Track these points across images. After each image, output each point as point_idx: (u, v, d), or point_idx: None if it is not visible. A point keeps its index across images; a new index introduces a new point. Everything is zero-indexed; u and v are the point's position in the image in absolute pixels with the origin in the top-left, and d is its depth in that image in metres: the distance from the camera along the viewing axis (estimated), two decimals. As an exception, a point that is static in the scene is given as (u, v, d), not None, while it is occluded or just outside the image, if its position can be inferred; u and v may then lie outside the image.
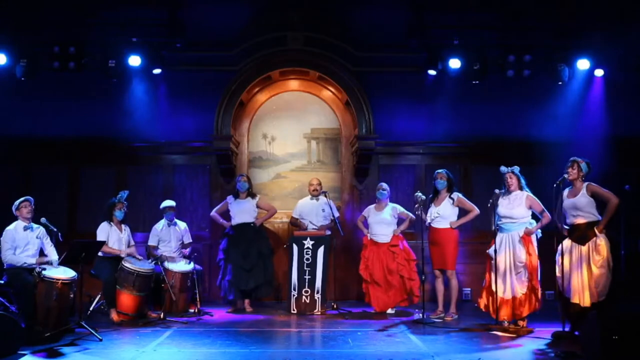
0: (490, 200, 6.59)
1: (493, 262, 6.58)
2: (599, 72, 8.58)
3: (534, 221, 6.59)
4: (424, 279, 7.23)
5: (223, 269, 7.78)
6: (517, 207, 6.56)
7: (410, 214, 7.63)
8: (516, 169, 6.66)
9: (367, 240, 7.72)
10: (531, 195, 6.59)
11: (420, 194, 7.20)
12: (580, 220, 6.08)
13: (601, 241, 5.97)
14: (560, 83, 8.52)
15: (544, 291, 7.75)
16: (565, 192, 6.24)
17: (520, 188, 6.63)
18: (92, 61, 8.33)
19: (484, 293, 6.78)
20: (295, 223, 8.10)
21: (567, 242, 6.19)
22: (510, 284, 6.51)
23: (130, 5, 8.73)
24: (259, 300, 7.95)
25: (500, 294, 6.53)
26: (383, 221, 7.61)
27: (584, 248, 6.04)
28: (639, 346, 4.80)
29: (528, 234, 6.49)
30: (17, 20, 8.44)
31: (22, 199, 6.59)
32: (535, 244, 6.53)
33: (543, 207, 6.55)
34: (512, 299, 6.49)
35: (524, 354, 5.47)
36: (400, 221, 7.71)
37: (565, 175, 6.17)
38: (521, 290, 6.46)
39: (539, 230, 6.59)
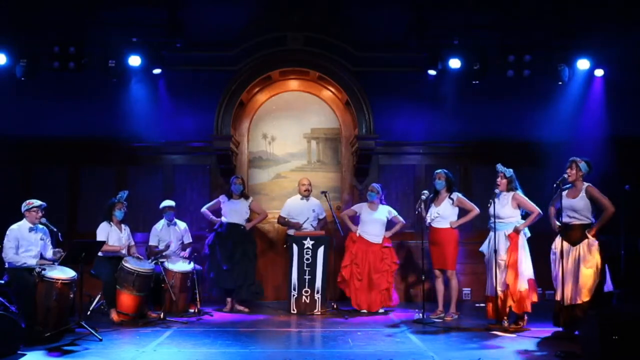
0: (490, 200, 6.61)
1: (485, 259, 6.70)
2: (599, 72, 8.58)
3: (523, 221, 6.62)
4: (424, 278, 7.23)
5: (208, 263, 7.83)
6: (504, 206, 6.63)
7: (402, 219, 7.67)
8: (508, 171, 6.69)
9: (355, 236, 7.70)
10: (519, 194, 6.63)
11: (426, 191, 7.23)
12: (575, 222, 6.15)
13: (592, 243, 6.03)
14: (560, 83, 8.51)
15: (544, 291, 7.79)
16: (565, 190, 6.25)
17: (511, 190, 6.67)
18: (92, 61, 8.33)
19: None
20: (283, 222, 8.08)
21: (558, 244, 6.20)
22: (494, 282, 6.53)
23: (130, 5, 8.72)
24: (242, 302, 7.85)
25: (487, 292, 6.65)
26: (378, 221, 7.64)
27: (574, 249, 6.11)
28: (639, 346, 4.80)
29: (516, 231, 6.52)
30: (17, 20, 8.44)
31: (37, 203, 6.50)
32: (522, 242, 6.53)
33: (533, 204, 6.57)
34: (495, 297, 6.51)
35: (523, 354, 5.47)
36: (391, 224, 7.72)
37: (565, 176, 6.18)
38: (500, 288, 6.49)
39: (527, 230, 6.61)
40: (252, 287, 7.79)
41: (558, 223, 6.23)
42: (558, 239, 6.21)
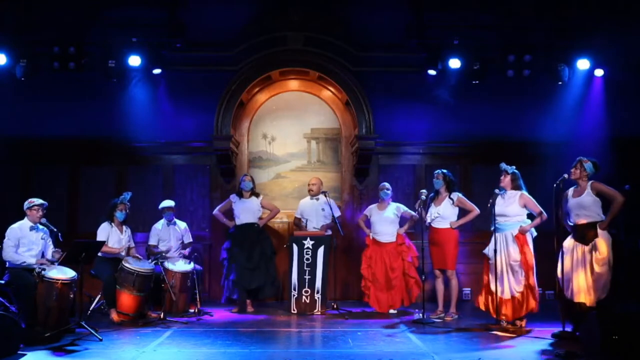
0: (490, 200, 6.61)
1: (490, 262, 6.63)
2: (599, 72, 8.57)
3: (529, 220, 6.62)
4: (424, 279, 7.23)
5: (227, 268, 7.78)
6: (510, 205, 6.61)
7: (414, 213, 7.63)
8: (511, 169, 6.71)
9: (369, 240, 7.73)
10: (526, 194, 6.63)
11: (424, 190, 7.22)
12: (584, 220, 6.09)
13: (602, 240, 5.97)
14: (560, 83, 8.52)
15: (544, 291, 7.79)
16: (570, 191, 6.25)
17: (515, 188, 6.67)
18: (92, 61, 8.34)
19: (482, 292, 6.80)
20: (297, 224, 8.13)
21: (569, 242, 6.19)
22: (508, 283, 6.52)
23: (130, 5, 8.73)
24: (262, 300, 7.93)
25: (499, 293, 6.55)
26: (386, 220, 7.62)
27: (587, 247, 6.05)
28: (639, 346, 4.80)
29: (522, 232, 6.52)
30: (17, 20, 8.45)
31: (39, 201, 6.52)
32: (530, 242, 6.54)
33: (540, 207, 6.57)
34: (512, 299, 6.51)
35: (523, 354, 5.47)
36: (403, 220, 7.71)
37: (566, 175, 6.16)
38: (519, 289, 6.49)
39: (534, 229, 6.61)
40: (275, 283, 7.83)
41: (570, 223, 6.21)
42: (569, 241, 6.19)
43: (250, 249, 7.69)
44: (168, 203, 7.89)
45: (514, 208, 6.60)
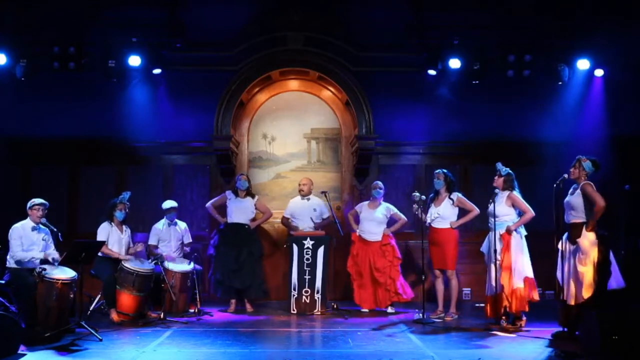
0: (491, 200, 6.62)
1: (485, 259, 6.72)
2: (599, 72, 8.57)
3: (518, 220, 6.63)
4: (424, 279, 7.23)
5: (214, 264, 7.82)
6: (499, 205, 6.64)
7: (403, 216, 7.69)
8: (504, 170, 6.72)
9: (355, 237, 7.74)
10: (514, 194, 6.65)
11: (417, 193, 7.21)
12: (574, 220, 6.13)
13: (586, 240, 5.98)
14: (560, 83, 8.53)
15: (544, 291, 7.79)
16: (570, 190, 6.27)
17: (507, 188, 6.69)
18: (92, 61, 8.34)
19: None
20: (286, 223, 8.09)
21: (562, 241, 6.20)
22: (496, 282, 6.53)
23: (130, 5, 8.73)
24: (252, 301, 7.89)
25: (488, 292, 6.62)
26: (375, 219, 7.65)
27: (574, 247, 6.09)
28: (639, 346, 4.80)
29: (508, 231, 6.53)
30: (17, 20, 8.45)
31: (39, 201, 6.55)
32: (516, 241, 6.53)
33: (527, 205, 6.59)
34: (493, 297, 6.53)
35: (523, 354, 5.47)
36: (392, 222, 7.73)
37: (566, 175, 6.17)
38: (499, 289, 6.49)
39: (523, 229, 6.61)
40: (262, 285, 7.79)
41: (566, 222, 6.23)
42: (563, 238, 6.21)
43: (238, 249, 7.67)
44: (172, 204, 7.88)
45: (502, 208, 6.64)
